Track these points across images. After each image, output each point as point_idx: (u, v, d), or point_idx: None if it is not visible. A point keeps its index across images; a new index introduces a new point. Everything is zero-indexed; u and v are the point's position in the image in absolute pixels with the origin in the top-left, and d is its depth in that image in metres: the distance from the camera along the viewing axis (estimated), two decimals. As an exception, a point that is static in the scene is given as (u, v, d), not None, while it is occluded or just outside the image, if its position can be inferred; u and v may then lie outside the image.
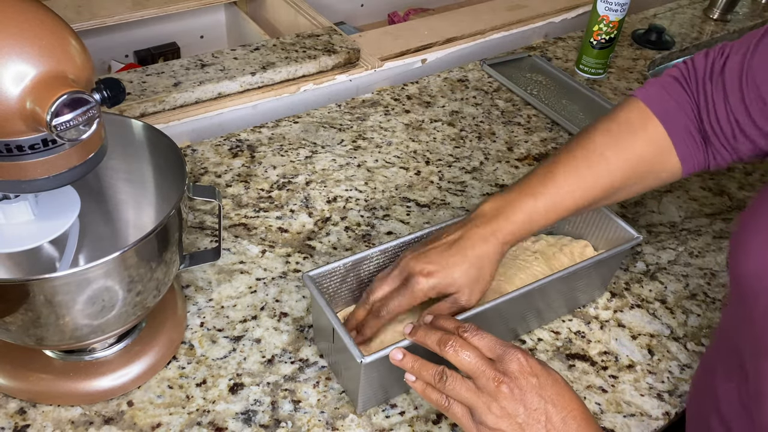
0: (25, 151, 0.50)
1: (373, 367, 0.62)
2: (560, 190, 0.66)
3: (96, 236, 0.71)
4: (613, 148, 0.67)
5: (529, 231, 0.67)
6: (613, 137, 0.67)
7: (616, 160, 0.67)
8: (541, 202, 0.66)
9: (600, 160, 0.67)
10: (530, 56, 1.25)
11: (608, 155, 0.67)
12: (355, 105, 1.09)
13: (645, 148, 0.67)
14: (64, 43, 0.50)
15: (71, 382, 0.65)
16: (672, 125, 0.67)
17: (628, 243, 0.75)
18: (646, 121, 0.67)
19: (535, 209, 0.66)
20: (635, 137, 0.67)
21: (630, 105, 0.69)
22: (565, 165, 0.67)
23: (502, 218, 0.66)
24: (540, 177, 0.67)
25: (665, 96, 0.68)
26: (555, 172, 0.67)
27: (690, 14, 1.45)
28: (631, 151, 0.67)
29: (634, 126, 0.67)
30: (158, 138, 0.66)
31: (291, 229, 0.86)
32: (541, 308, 0.75)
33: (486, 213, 0.67)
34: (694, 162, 0.68)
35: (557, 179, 0.67)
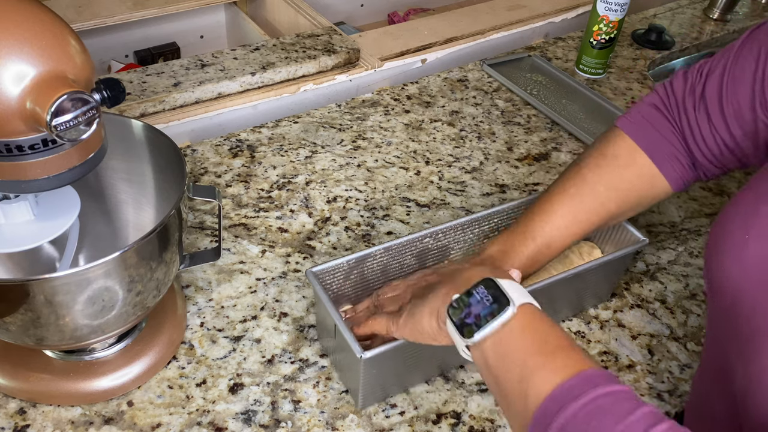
0: (25, 151, 0.50)
1: (373, 363, 0.62)
2: (558, 229, 0.70)
3: (96, 236, 0.71)
4: (605, 184, 0.70)
5: (534, 267, 0.71)
6: (603, 173, 0.71)
7: (608, 194, 0.70)
8: (541, 241, 0.70)
9: (594, 197, 0.70)
10: (530, 56, 1.25)
11: (600, 190, 0.70)
12: (355, 105, 1.09)
13: (635, 181, 0.70)
14: (64, 43, 0.50)
15: (71, 382, 0.65)
16: (658, 156, 0.69)
17: (634, 245, 0.75)
18: (633, 155, 0.70)
19: (536, 250, 0.70)
20: (625, 171, 0.70)
21: (616, 139, 0.72)
22: (560, 204, 0.71)
23: (508, 260, 0.70)
24: (537, 218, 0.71)
25: (648, 127, 0.70)
26: (552, 212, 0.71)
27: (690, 14, 1.45)
28: (623, 185, 0.70)
29: (621, 160, 0.70)
30: (158, 138, 0.66)
31: (291, 229, 0.86)
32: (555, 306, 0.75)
33: (493, 256, 0.71)
34: (683, 182, 0.71)
35: (554, 220, 0.70)
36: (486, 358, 0.52)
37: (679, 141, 0.69)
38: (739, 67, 0.64)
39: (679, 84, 0.69)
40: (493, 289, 0.53)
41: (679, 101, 0.69)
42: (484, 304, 0.52)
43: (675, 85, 0.70)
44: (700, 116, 0.66)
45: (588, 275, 0.73)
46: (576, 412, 0.45)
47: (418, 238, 0.74)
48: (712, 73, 0.66)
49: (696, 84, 0.67)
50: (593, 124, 1.09)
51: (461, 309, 0.53)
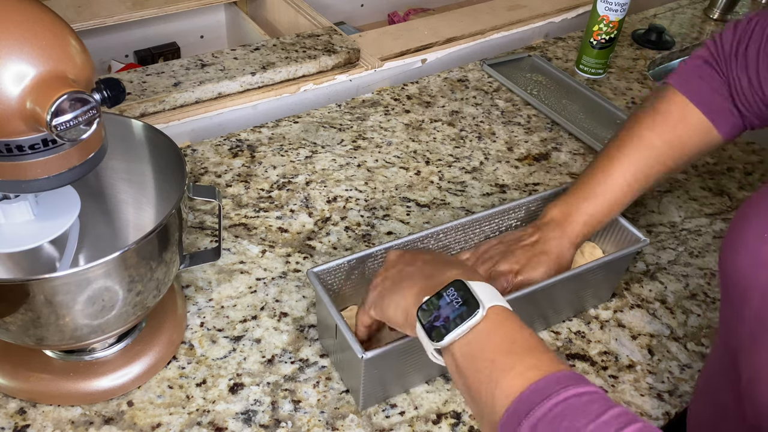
0: (25, 151, 0.50)
1: (374, 363, 0.62)
2: (619, 187, 0.73)
3: (96, 236, 0.71)
4: (661, 140, 0.73)
5: (596, 228, 0.75)
6: (658, 130, 0.74)
7: (664, 150, 0.73)
8: (603, 200, 0.73)
9: (651, 154, 0.73)
10: (530, 56, 1.25)
11: (657, 147, 0.73)
12: (355, 105, 1.09)
13: (690, 135, 0.73)
14: (64, 43, 0.50)
15: (71, 382, 0.65)
16: (710, 110, 0.72)
17: (635, 245, 0.75)
18: (686, 110, 0.73)
19: (599, 209, 0.73)
20: (678, 126, 0.73)
21: (668, 96, 0.75)
22: (619, 162, 0.74)
23: (571, 223, 0.73)
24: (599, 176, 0.74)
25: (699, 82, 0.73)
26: (612, 170, 0.74)
27: (690, 14, 1.45)
28: (677, 141, 0.73)
29: (675, 116, 0.73)
30: (158, 138, 0.66)
31: (291, 229, 0.86)
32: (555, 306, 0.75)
33: (555, 218, 0.74)
34: (733, 131, 0.74)
35: (615, 177, 0.73)
36: (456, 361, 0.51)
37: (728, 94, 0.72)
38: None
39: (727, 37, 0.72)
40: (462, 291, 0.52)
41: (727, 55, 0.71)
42: (454, 307, 0.52)
43: (724, 38, 0.72)
44: (741, 72, 0.69)
45: (588, 275, 0.73)
46: (547, 412, 0.44)
47: (419, 238, 0.74)
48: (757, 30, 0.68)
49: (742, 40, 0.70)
50: (593, 124, 1.09)
51: (430, 312, 0.53)
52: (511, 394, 0.46)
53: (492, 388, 0.48)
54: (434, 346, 0.52)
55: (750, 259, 0.53)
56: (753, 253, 0.53)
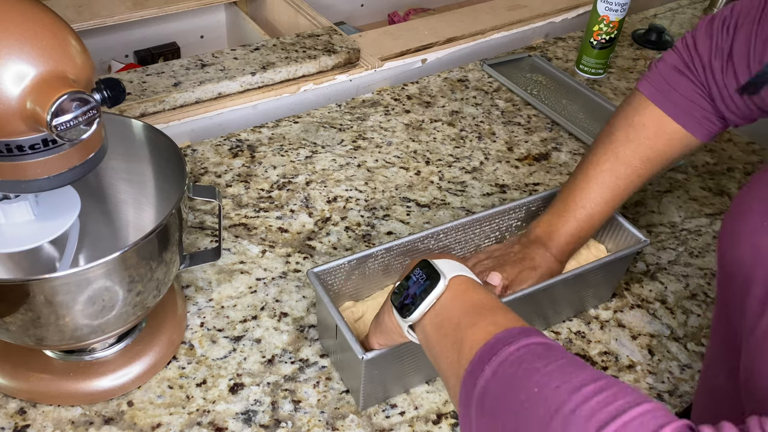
0: (25, 151, 0.50)
1: (375, 364, 0.62)
2: (597, 204, 0.74)
3: (96, 236, 0.71)
4: (637, 156, 0.73)
5: (580, 244, 0.76)
6: (633, 146, 0.73)
7: (641, 165, 0.73)
8: (582, 216, 0.74)
9: (627, 169, 0.73)
10: (530, 56, 1.25)
11: (634, 163, 0.73)
12: (355, 105, 1.09)
13: (666, 148, 0.72)
14: (64, 43, 0.50)
15: (71, 382, 0.65)
16: (688, 120, 0.71)
17: (635, 246, 0.75)
18: (662, 123, 0.72)
19: (577, 225, 0.74)
20: (656, 141, 0.72)
21: (642, 108, 0.73)
22: (597, 181, 0.74)
23: (554, 240, 0.74)
24: (575, 196, 0.75)
25: (674, 93, 0.71)
26: (588, 190, 0.74)
27: (690, 14, 1.45)
28: (654, 154, 0.73)
29: (651, 131, 0.72)
30: (158, 138, 0.66)
31: (291, 229, 0.86)
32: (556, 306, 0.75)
33: (540, 237, 0.75)
34: (712, 135, 0.72)
35: (593, 196, 0.74)
36: (426, 335, 0.53)
37: (707, 102, 0.70)
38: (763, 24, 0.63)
39: (703, 42, 0.69)
40: (427, 269, 0.55)
41: (705, 62, 0.68)
42: (419, 284, 0.54)
43: (699, 44, 0.69)
44: (728, 78, 0.66)
45: (589, 276, 0.73)
46: (507, 356, 0.46)
47: (420, 238, 0.73)
48: (740, 29, 0.65)
49: (722, 43, 0.67)
50: (593, 124, 1.09)
51: (401, 293, 0.56)
52: (474, 346, 0.48)
53: (458, 347, 0.49)
54: (407, 322, 0.55)
55: (750, 251, 0.53)
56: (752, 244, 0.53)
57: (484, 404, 0.45)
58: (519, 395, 0.43)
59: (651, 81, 0.73)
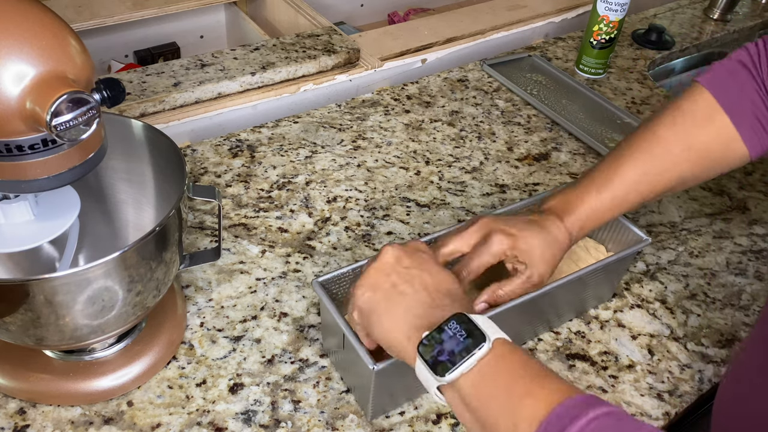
0: (25, 151, 0.50)
1: (385, 375, 0.61)
2: (624, 184, 0.67)
3: (96, 236, 0.71)
4: (678, 141, 0.67)
5: (596, 224, 0.69)
6: (677, 130, 0.67)
7: (681, 154, 0.67)
8: (606, 196, 0.67)
9: (665, 154, 0.67)
10: (530, 56, 1.25)
11: (673, 148, 0.67)
12: (355, 105, 1.09)
13: (711, 141, 0.66)
14: (64, 43, 0.50)
15: (71, 382, 0.65)
16: (738, 115, 0.65)
17: (637, 245, 0.75)
18: (712, 113, 0.66)
19: (600, 204, 0.67)
20: (701, 130, 0.66)
21: (695, 95, 0.68)
22: (629, 159, 0.67)
23: (571, 212, 0.68)
24: (605, 171, 0.68)
25: (731, 84, 0.66)
26: (619, 166, 0.68)
27: (690, 14, 1.45)
28: (698, 145, 0.67)
29: (698, 118, 0.66)
30: (158, 138, 0.66)
31: (291, 229, 0.86)
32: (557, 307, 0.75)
33: (555, 207, 0.68)
34: (762, 146, 0.67)
35: (622, 174, 0.67)
36: (463, 396, 0.50)
37: (763, 102, 0.65)
38: None
39: None
40: (465, 324, 0.51)
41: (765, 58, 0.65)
42: (458, 340, 0.50)
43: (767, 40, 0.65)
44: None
45: (590, 277, 0.73)
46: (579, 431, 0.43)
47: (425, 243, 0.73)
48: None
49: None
50: (593, 124, 1.09)
51: (432, 346, 0.51)
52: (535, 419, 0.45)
53: (511, 416, 0.46)
54: (439, 382, 0.50)
55: None
56: None
57: None
58: None
59: (712, 72, 0.68)
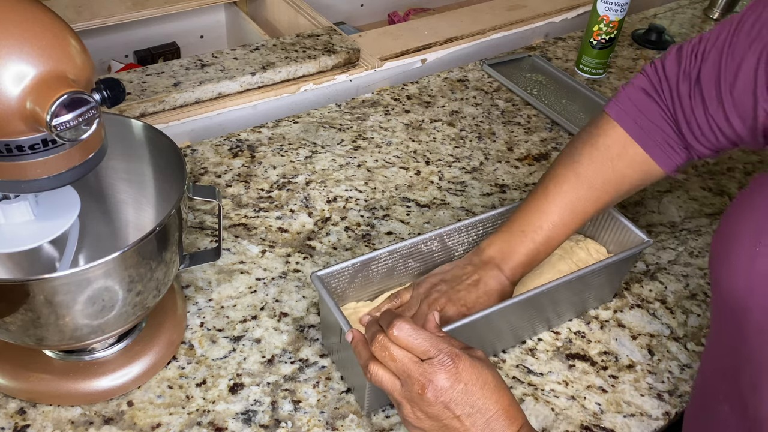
0: (25, 151, 0.50)
1: None
2: (555, 225, 0.71)
3: (96, 236, 0.71)
4: (598, 176, 0.71)
5: (534, 264, 0.73)
6: (596, 167, 0.71)
7: (602, 187, 0.71)
8: (539, 237, 0.71)
9: (588, 191, 0.71)
10: (530, 56, 1.25)
11: (594, 183, 0.71)
12: (355, 105, 1.09)
13: (628, 171, 0.71)
14: (64, 43, 0.50)
15: (71, 382, 0.65)
16: (651, 145, 0.69)
17: (638, 246, 0.75)
18: (625, 145, 0.70)
19: (535, 247, 0.71)
20: (617, 163, 0.70)
21: (607, 129, 0.71)
22: (557, 202, 0.72)
23: (510, 261, 0.71)
24: (532, 216, 0.72)
25: (639, 115, 0.69)
26: (546, 209, 0.72)
27: (690, 14, 1.46)
28: (615, 177, 0.71)
29: (613, 152, 0.70)
30: (158, 138, 0.66)
31: (291, 229, 0.86)
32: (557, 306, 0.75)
33: (493, 257, 0.72)
34: (677, 165, 0.70)
35: (552, 217, 0.71)
36: None
37: (671, 128, 0.68)
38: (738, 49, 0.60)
39: (671, 67, 0.67)
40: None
41: (672, 86, 0.66)
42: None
43: (667, 68, 0.67)
44: (696, 103, 0.64)
45: (592, 278, 0.73)
46: None
47: (423, 240, 0.73)
48: (708, 55, 0.63)
49: (691, 68, 0.65)
50: (593, 124, 1.09)
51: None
52: None
53: None
54: None
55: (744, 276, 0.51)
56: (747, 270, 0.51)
57: None
58: None
59: (618, 103, 0.71)
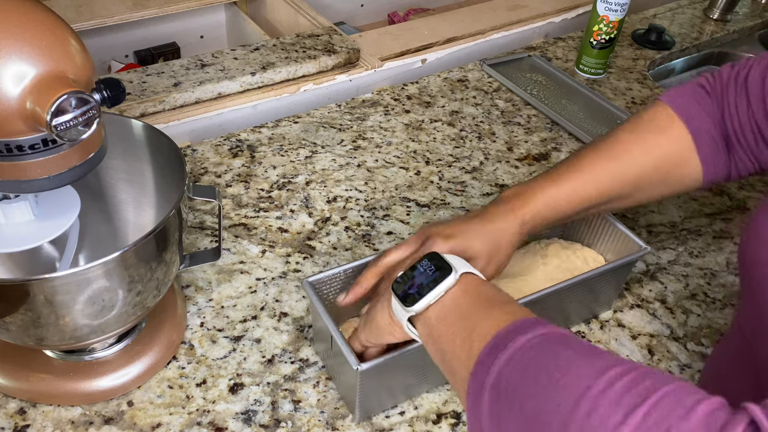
0: (25, 151, 0.50)
1: (370, 375, 0.61)
2: (583, 178, 0.69)
3: (96, 236, 0.71)
4: (638, 143, 0.70)
5: (550, 216, 0.69)
6: (637, 134, 0.70)
7: (639, 153, 0.69)
8: (563, 188, 0.68)
9: (624, 154, 0.70)
10: (530, 56, 1.25)
11: (632, 149, 0.70)
12: (355, 105, 1.09)
13: (668, 146, 0.70)
14: (64, 43, 0.50)
15: (71, 382, 0.65)
16: (695, 127, 0.69)
17: (636, 253, 0.74)
18: (671, 122, 0.70)
19: (556, 194, 0.68)
20: (659, 135, 0.70)
21: (655, 107, 0.72)
22: (590, 157, 0.70)
23: (522, 201, 0.68)
24: (563, 167, 0.70)
25: (690, 100, 0.70)
26: (579, 162, 0.70)
27: (690, 14, 1.45)
28: (655, 148, 0.70)
29: (658, 125, 0.70)
30: (158, 138, 0.66)
31: (291, 229, 0.86)
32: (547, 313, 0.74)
33: (507, 196, 0.69)
34: (715, 167, 0.69)
35: (580, 168, 0.69)
36: (430, 327, 0.52)
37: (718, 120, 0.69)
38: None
39: (726, 69, 0.71)
40: (436, 260, 0.54)
41: (723, 84, 0.69)
42: (427, 275, 0.54)
43: (723, 71, 0.71)
44: (740, 99, 0.67)
45: (595, 282, 0.73)
46: (525, 342, 0.45)
47: None
48: (760, 62, 0.67)
49: (741, 70, 0.68)
50: (593, 124, 1.09)
51: (405, 282, 0.55)
52: (488, 335, 0.47)
53: (468, 338, 0.48)
54: (409, 313, 0.54)
55: None
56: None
57: (499, 390, 0.44)
58: (539, 379, 0.42)
59: (672, 90, 0.73)
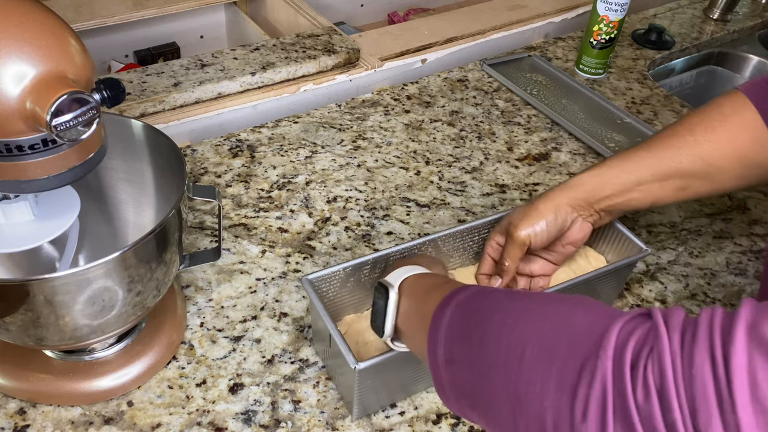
0: (25, 151, 0.50)
1: (368, 374, 0.61)
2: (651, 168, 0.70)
3: (96, 236, 0.71)
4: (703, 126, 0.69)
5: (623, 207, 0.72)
6: (704, 117, 0.70)
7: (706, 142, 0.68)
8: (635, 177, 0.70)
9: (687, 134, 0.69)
10: (530, 56, 1.25)
11: (697, 131, 0.69)
12: (355, 105, 1.09)
13: (737, 131, 0.68)
14: (64, 43, 0.50)
15: (71, 382, 0.65)
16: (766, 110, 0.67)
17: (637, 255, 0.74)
18: (741, 107, 0.69)
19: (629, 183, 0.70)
20: (728, 118, 0.69)
21: (728, 94, 0.71)
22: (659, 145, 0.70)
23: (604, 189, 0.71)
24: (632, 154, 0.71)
25: (765, 87, 0.69)
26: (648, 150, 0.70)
27: (690, 14, 1.45)
28: (722, 131, 0.69)
29: (727, 110, 0.69)
30: (158, 138, 0.66)
31: (291, 229, 0.86)
32: None
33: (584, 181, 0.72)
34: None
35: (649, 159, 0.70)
36: (403, 335, 0.59)
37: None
38: None
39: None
40: (379, 288, 0.60)
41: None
42: (379, 304, 0.60)
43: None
44: None
45: (595, 283, 0.72)
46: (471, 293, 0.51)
47: (417, 245, 0.73)
48: None
49: None
50: (593, 124, 1.09)
51: (374, 318, 0.61)
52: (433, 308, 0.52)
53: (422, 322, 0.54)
54: (387, 338, 0.60)
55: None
56: None
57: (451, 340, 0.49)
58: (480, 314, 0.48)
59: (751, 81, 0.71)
